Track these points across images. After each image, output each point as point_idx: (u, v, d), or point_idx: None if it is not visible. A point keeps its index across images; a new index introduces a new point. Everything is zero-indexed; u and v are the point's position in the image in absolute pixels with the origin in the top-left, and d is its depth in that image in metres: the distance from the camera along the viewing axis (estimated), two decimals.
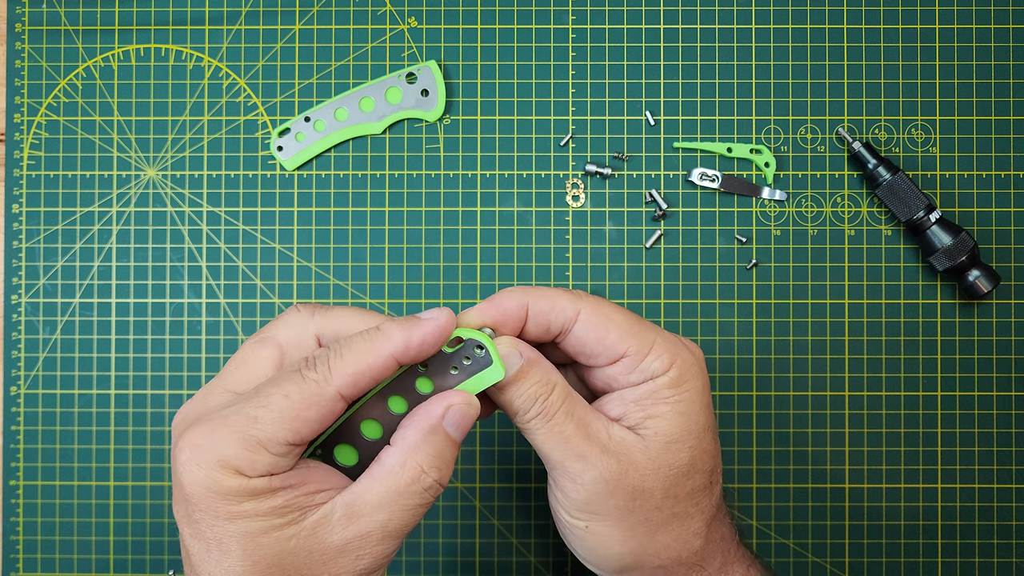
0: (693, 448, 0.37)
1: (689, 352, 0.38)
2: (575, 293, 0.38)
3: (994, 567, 0.55)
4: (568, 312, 0.37)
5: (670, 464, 0.37)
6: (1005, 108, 0.55)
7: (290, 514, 0.33)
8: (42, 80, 0.56)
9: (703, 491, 0.38)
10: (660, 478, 0.37)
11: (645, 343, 0.37)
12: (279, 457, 0.33)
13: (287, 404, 0.33)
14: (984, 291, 0.53)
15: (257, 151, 0.56)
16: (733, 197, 0.56)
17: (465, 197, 0.56)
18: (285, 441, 0.33)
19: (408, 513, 0.34)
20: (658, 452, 0.36)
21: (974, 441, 0.55)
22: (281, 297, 0.56)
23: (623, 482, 0.36)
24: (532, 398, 0.37)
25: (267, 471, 0.33)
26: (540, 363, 0.37)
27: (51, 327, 0.56)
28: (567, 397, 0.37)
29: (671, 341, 0.38)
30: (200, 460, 0.32)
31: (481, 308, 0.37)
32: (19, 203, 0.56)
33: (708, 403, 0.38)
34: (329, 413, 0.34)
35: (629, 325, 0.37)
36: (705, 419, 0.38)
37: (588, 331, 0.37)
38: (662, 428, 0.37)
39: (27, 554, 0.55)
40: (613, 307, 0.38)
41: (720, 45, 0.56)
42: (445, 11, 0.56)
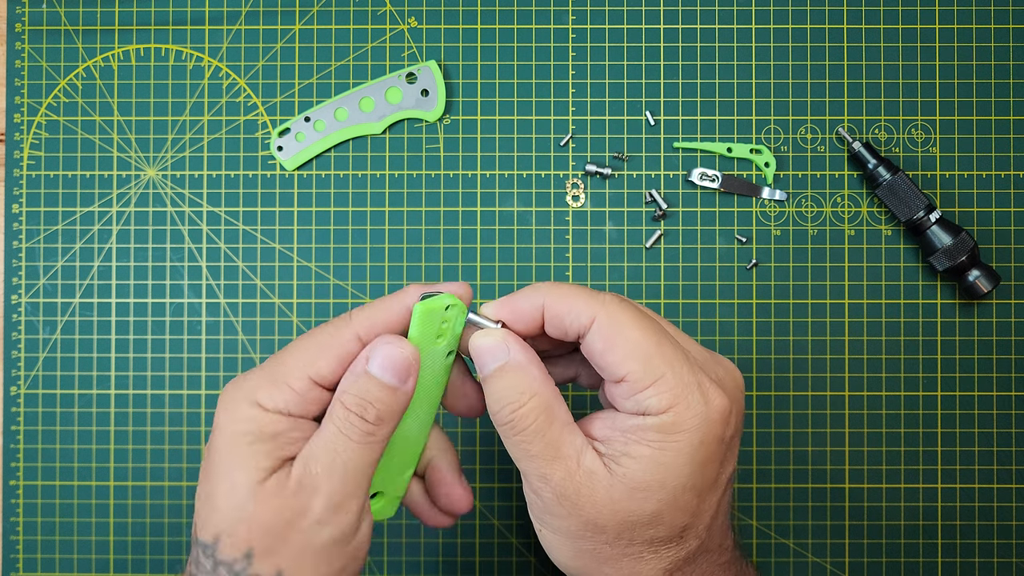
0: (662, 502, 0.34)
1: (701, 399, 0.33)
2: (599, 297, 0.35)
3: (994, 567, 0.55)
4: (583, 318, 0.35)
5: (630, 510, 0.34)
6: (1005, 108, 0.55)
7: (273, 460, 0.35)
8: (42, 80, 0.56)
9: (665, 542, 0.35)
10: (616, 520, 0.34)
11: (650, 373, 0.33)
12: (298, 394, 0.35)
13: (311, 343, 0.36)
14: (984, 291, 0.53)
15: (257, 151, 0.56)
16: (733, 197, 0.56)
17: (465, 197, 0.56)
18: (304, 375, 0.36)
19: (346, 452, 0.35)
20: (620, 495, 0.34)
21: (974, 441, 0.55)
22: (281, 297, 0.56)
23: (577, 512, 0.34)
24: (502, 403, 0.35)
25: (283, 407, 0.35)
26: (524, 369, 0.35)
27: (51, 327, 0.56)
28: (543, 412, 0.35)
29: (684, 381, 0.33)
30: (233, 392, 0.36)
31: (497, 303, 0.36)
32: (19, 203, 0.56)
33: (706, 461, 0.34)
34: (347, 353, 0.36)
35: (642, 347, 0.34)
36: (691, 476, 0.34)
37: (596, 342, 0.34)
38: (633, 472, 0.33)
39: (27, 554, 0.55)
40: (636, 321, 0.34)
41: (720, 45, 0.56)
42: (445, 11, 0.56)
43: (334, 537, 0.35)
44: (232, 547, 0.34)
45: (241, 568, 0.34)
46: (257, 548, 0.34)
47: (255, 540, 0.34)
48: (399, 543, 0.55)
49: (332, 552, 0.35)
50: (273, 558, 0.34)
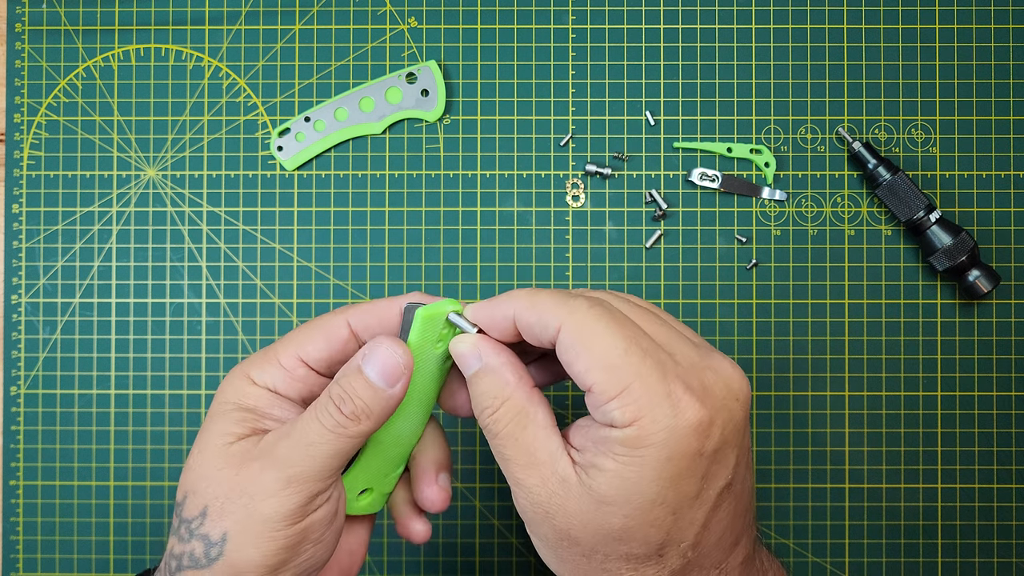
0: (629, 517, 0.32)
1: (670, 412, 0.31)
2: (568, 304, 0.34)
3: (994, 567, 0.55)
4: (550, 329, 0.33)
5: (598, 524, 0.32)
6: (1005, 108, 0.55)
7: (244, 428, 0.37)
8: (42, 80, 0.56)
9: (643, 560, 0.33)
10: (588, 532, 0.33)
11: (615, 384, 0.32)
12: (285, 371, 0.37)
13: (305, 327, 0.38)
14: (984, 291, 0.53)
15: (257, 151, 0.56)
16: (733, 197, 0.56)
17: (465, 197, 0.56)
18: (293, 354, 0.38)
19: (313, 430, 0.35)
20: (588, 507, 0.32)
21: (974, 441, 0.55)
22: (281, 297, 0.56)
23: (551, 520, 0.33)
24: (479, 408, 0.35)
25: (270, 384, 0.37)
26: (495, 373, 0.35)
27: (51, 327, 0.56)
28: (516, 417, 0.34)
29: (652, 392, 0.31)
30: (233, 371, 0.38)
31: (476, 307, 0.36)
32: (19, 203, 0.56)
33: (677, 476, 0.32)
34: (335, 337, 0.38)
35: (606, 356, 0.32)
36: (659, 493, 0.32)
37: (562, 351, 0.33)
38: (598, 485, 0.32)
39: (27, 554, 0.55)
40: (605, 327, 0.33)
41: (720, 45, 0.56)
42: (445, 11, 0.56)
43: (279, 513, 0.34)
44: (193, 505, 0.35)
45: (196, 526, 0.35)
46: (211, 507, 0.35)
47: (210, 499, 0.35)
48: (399, 543, 0.55)
49: (277, 527, 0.34)
50: (222, 520, 0.35)
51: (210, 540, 0.34)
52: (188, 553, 0.35)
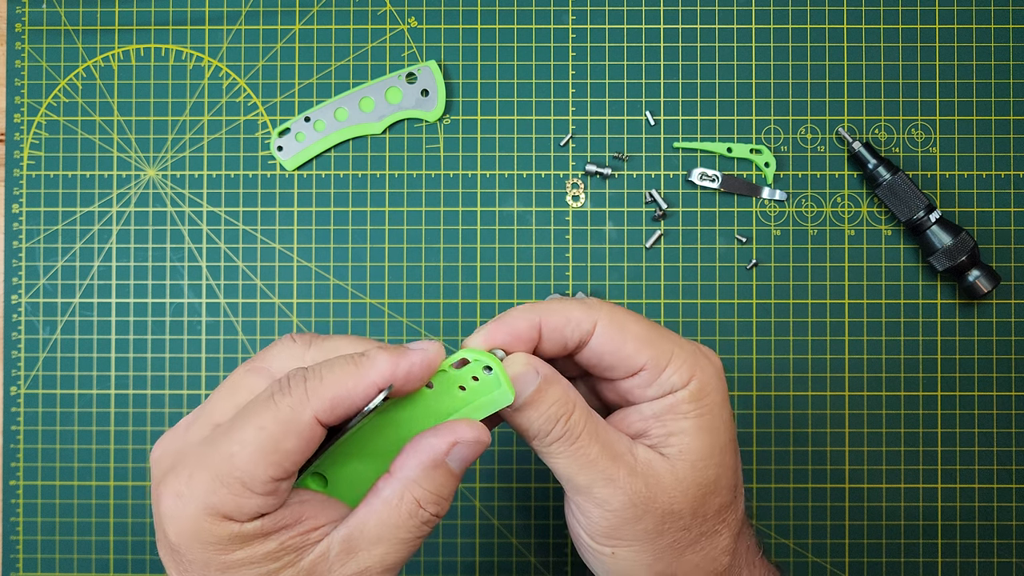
0: (718, 465, 0.35)
1: (709, 362, 0.36)
2: (588, 303, 0.36)
3: (994, 567, 0.55)
4: (584, 325, 0.35)
5: (698, 483, 0.35)
6: (1005, 108, 0.55)
7: (286, 556, 0.31)
8: (42, 80, 0.56)
9: (729, 507, 0.36)
10: (689, 499, 0.35)
11: (663, 355, 0.35)
12: (266, 496, 0.30)
13: (263, 436, 0.30)
14: (984, 291, 0.53)
15: (257, 151, 0.56)
16: (733, 197, 0.56)
17: (465, 197, 0.56)
18: (268, 478, 0.30)
19: (405, 545, 0.33)
20: (685, 472, 0.35)
21: (974, 441, 0.55)
22: (281, 297, 0.56)
23: (652, 505, 0.34)
24: (553, 419, 0.34)
25: (257, 512, 0.31)
26: (558, 381, 0.34)
27: (51, 327, 0.56)
28: (589, 415, 0.35)
29: (690, 351, 0.36)
30: (184, 510, 0.30)
31: (489, 329, 0.34)
32: (19, 203, 0.56)
33: (729, 416, 0.36)
34: (308, 441, 0.31)
35: (647, 335, 0.35)
36: (727, 432, 0.36)
37: (604, 344, 0.35)
38: (687, 446, 0.35)
39: (27, 554, 0.55)
40: (629, 316, 0.36)
41: (720, 45, 0.56)
42: (445, 11, 0.56)
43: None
44: None
45: None
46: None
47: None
48: None
49: None
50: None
51: None
52: None
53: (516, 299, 0.55)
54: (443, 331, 0.55)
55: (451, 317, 0.55)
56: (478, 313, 0.55)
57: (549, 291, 0.55)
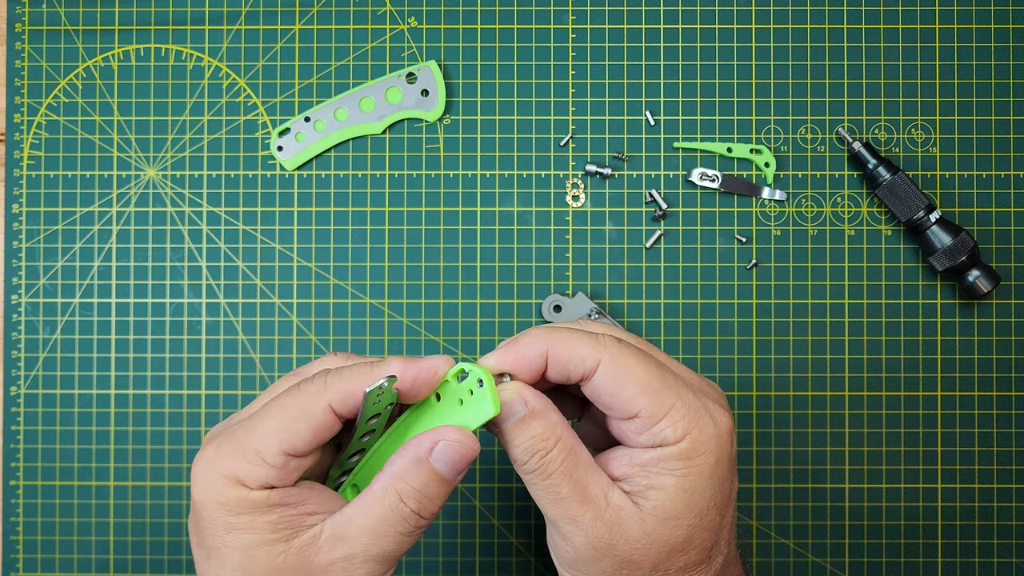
0: (692, 526, 0.35)
1: (711, 422, 0.35)
2: (600, 341, 0.36)
3: (994, 567, 0.55)
4: (588, 363, 0.35)
5: (664, 541, 0.35)
6: (1005, 108, 0.55)
7: (282, 531, 0.34)
8: (42, 80, 0.56)
9: (697, 566, 0.36)
10: (652, 554, 0.35)
11: (661, 406, 0.35)
12: (277, 468, 0.34)
13: (283, 415, 0.35)
14: (984, 291, 0.53)
15: (257, 151, 0.56)
16: (733, 197, 0.56)
17: (465, 197, 0.56)
18: (280, 451, 0.34)
19: (389, 539, 0.35)
20: (653, 527, 0.34)
21: (974, 441, 0.55)
22: (281, 297, 0.56)
23: (612, 552, 0.35)
24: (530, 451, 0.35)
25: (266, 483, 0.34)
26: (544, 416, 0.35)
27: (51, 327, 0.56)
28: (568, 455, 0.35)
29: (693, 407, 0.35)
30: (208, 472, 0.35)
31: (500, 354, 0.36)
32: (19, 203, 0.56)
33: (723, 478, 0.35)
34: (321, 426, 0.35)
35: (648, 383, 0.35)
36: (712, 495, 0.35)
37: (604, 384, 0.35)
38: (662, 503, 0.34)
39: (27, 554, 0.55)
40: (638, 359, 0.35)
41: (720, 45, 0.56)
42: (445, 11, 0.56)
43: None
44: None
45: None
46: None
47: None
48: None
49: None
50: None
51: None
52: None
53: (516, 299, 0.55)
54: (443, 331, 0.55)
55: (451, 317, 0.55)
56: (478, 313, 0.55)
57: (549, 291, 0.55)
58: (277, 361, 0.56)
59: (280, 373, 0.56)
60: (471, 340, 0.55)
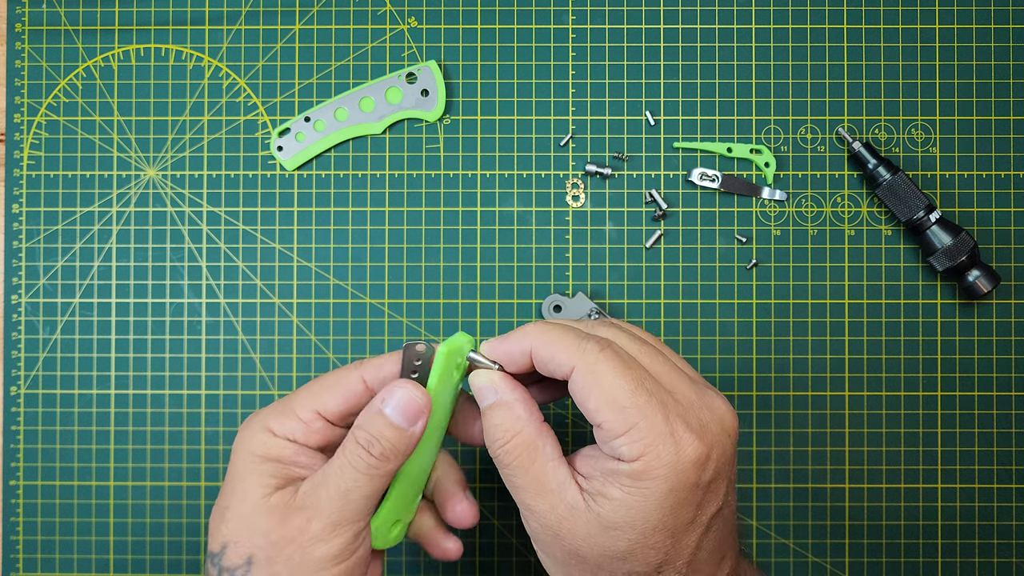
0: (632, 541, 0.35)
1: (673, 449, 0.35)
2: (580, 347, 0.37)
3: (994, 567, 0.55)
4: (564, 367, 0.37)
5: (604, 545, 0.36)
6: (1005, 108, 0.55)
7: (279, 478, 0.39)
8: (42, 80, 0.56)
9: None
10: (595, 552, 0.36)
11: (622, 423, 0.35)
12: (304, 424, 0.40)
13: (321, 383, 0.41)
14: (984, 291, 0.53)
15: (257, 151, 0.56)
16: (733, 197, 0.56)
17: (465, 197, 0.56)
18: (311, 408, 0.40)
19: (348, 477, 0.38)
20: (595, 531, 0.36)
21: (974, 441, 0.55)
22: (281, 297, 0.56)
23: (560, 542, 0.36)
24: (492, 439, 0.38)
25: (291, 435, 0.40)
26: (509, 408, 0.38)
27: (51, 327, 0.56)
28: (526, 450, 0.37)
29: (656, 431, 0.35)
30: (249, 425, 0.41)
31: (491, 345, 0.39)
32: (19, 203, 0.56)
33: (676, 505, 0.35)
34: (351, 392, 0.40)
35: (615, 398, 0.35)
36: (660, 519, 0.35)
37: (576, 389, 0.37)
38: (606, 511, 0.35)
39: (27, 554, 0.55)
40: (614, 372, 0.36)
41: (720, 45, 0.56)
42: (445, 11, 0.56)
43: (328, 555, 0.37)
44: (236, 554, 0.38)
45: (242, 574, 0.37)
46: (257, 556, 0.38)
47: (256, 548, 0.38)
48: (399, 543, 0.55)
49: (324, 568, 0.37)
50: (270, 567, 0.37)
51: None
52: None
53: (516, 299, 0.55)
54: (443, 331, 0.55)
55: (451, 317, 0.55)
56: (478, 313, 0.55)
57: (549, 291, 0.55)
58: (277, 361, 0.56)
59: (280, 373, 0.56)
60: None
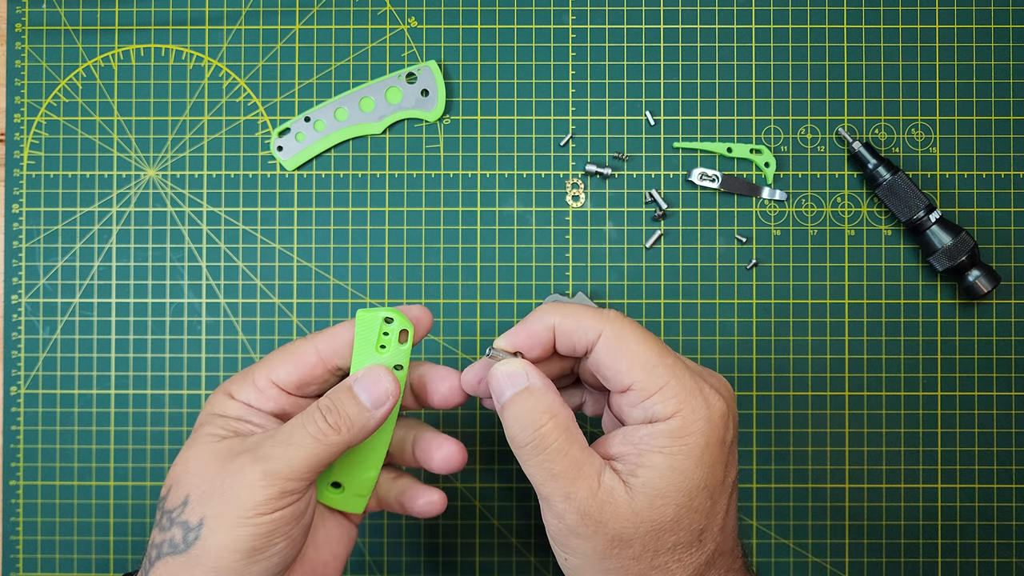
0: (680, 506, 0.36)
1: (703, 403, 0.36)
2: (604, 314, 0.37)
3: (994, 567, 0.55)
4: (590, 334, 0.37)
5: (653, 519, 0.35)
6: (1005, 108, 0.55)
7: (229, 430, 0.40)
8: (42, 80, 0.56)
9: (687, 547, 0.36)
10: (641, 531, 0.36)
11: (655, 381, 0.36)
12: (258, 390, 0.41)
13: (279, 353, 0.42)
14: (984, 291, 0.53)
15: (257, 151, 0.56)
16: (733, 197, 0.56)
17: (465, 197, 0.56)
18: (266, 377, 0.41)
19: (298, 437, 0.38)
20: (642, 506, 0.35)
21: (974, 441, 0.55)
22: (281, 297, 0.56)
23: (602, 529, 0.36)
24: (525, 424, 0.37)
25: (245, 399, 0.41)
26: (544, 392, 0.38)
27: (51, 327, 0.56)
28: (564, 432, 0.37)
29: (687, 387, 0.36)
30: (215, 392, 0.42)
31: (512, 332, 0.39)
32: (19, 203, 0.56)
33: (713, 461, 0.36)
34: (302, 363, 0.41)
35: (645, 358, 0.36)
36: (702, 477, 0.36)
37: (603, 355, 0.37)
38: (651, 480, 0.35)
39: (27, 554, 0.55)
40: (638, 335, 0.37)
41: (720, 45, 0.56)
42: (445, 11, 0.56)
43: (253, 502, 0.37)
44: (175, 496, 0.39)
45: (177, 514, 0.38)
46: (192, 495, 0.38)
47: (192, 488, 0.38)
48: (399, 543, 0.55)
49: (249, 514, 0.37)
50: (201, 506, 0.38)
51: (189, 525, 0.37)
52: (168, 540, 0.38)
53: (516, 299, 0.55)
54: (443, 331, 0.55)
55: (451, 317, 0.55)
56: (478, 313, 0.55)
57: (549, 291, 0.55)
58: None
59: None
60: (471, 340, 0.55)
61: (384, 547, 0.55)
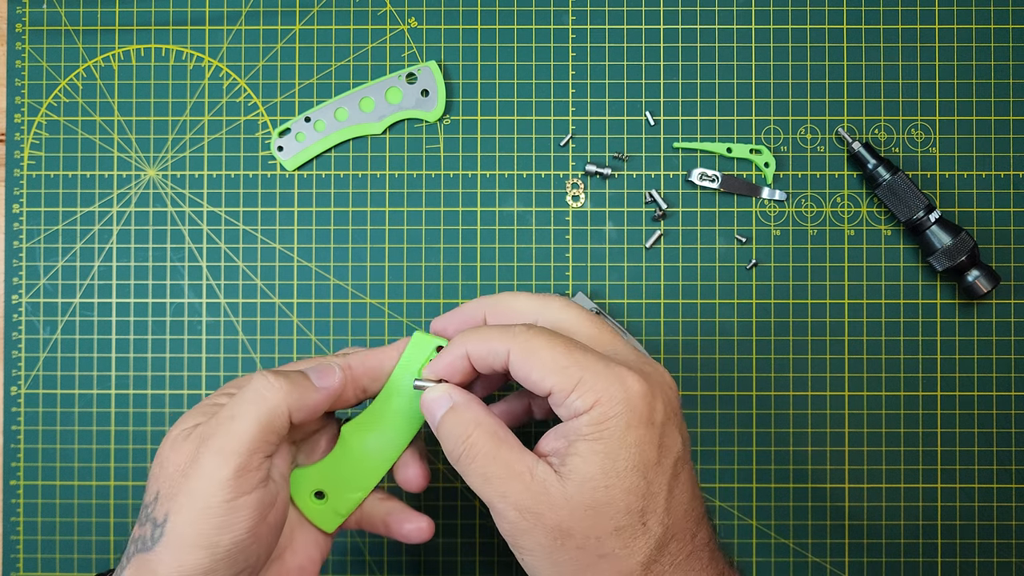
0: (611, 487, 0.36)
1: (621, 388, 0.37)
2: (510, 331, 0.39)
3: (994, 567, 0.55)
4: (500, 355, 0.38)
5: (586, 504, 0.36)
6: (1005, 108, 0.55)
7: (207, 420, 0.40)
8: (42, 80, 0.56)
9: (632, 532, 0.37)
10: (578, 518, 0.36)
11: (569, 381, 0.37)
12: None
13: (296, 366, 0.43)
14: (984, 291, 0.53)
15: (257, 151, 0.56)
16: (733, 197, 0.56)
17: (465, 197, 0.56)
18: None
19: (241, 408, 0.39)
20: (574, 491, 0.36)
21: (974, 441, 0.55)
22: (281, 297, 0.56)
23: (542, 520, 0.37)
24: (456, 438, 0.39)
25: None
26: (467, 406, 0.39)
27: (51, 327, 0.56)
28: (490, 438, 0.38)
29: (602, 376, 0.37)
30: None
31: (431, 365, 0.41)
32: (19, 203, 0.56)
33: (639, 442, 0.37)
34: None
35: (555, 362, 0.37)
36: (628, 458, 0.36)
37: (517, 369, 0.38)
38: (577, 467, 0.36)
39: (27, 554, 0.55)
40: (545, 341, 0.38)
41: (720, 45, 0.56)
42: (445, 11, 0.56)
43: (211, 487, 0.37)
44: (149, 491, 0.39)
45: (151, 511, 0.38)
46: (161, 491, 0.38)
47: (161, 483, 0.38)
48: (399, 543, 0.55)
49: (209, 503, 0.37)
50: (168, 501, 0.37)
51: (156, 522, 0.37)
52: (140, 537, 0.38)
53: None
54: None
55: None
56: None
57: (549, 291, 0.55)
58: (277, 361, 0.56)
59: None
60: None
61: (384, 547, 0.55)
